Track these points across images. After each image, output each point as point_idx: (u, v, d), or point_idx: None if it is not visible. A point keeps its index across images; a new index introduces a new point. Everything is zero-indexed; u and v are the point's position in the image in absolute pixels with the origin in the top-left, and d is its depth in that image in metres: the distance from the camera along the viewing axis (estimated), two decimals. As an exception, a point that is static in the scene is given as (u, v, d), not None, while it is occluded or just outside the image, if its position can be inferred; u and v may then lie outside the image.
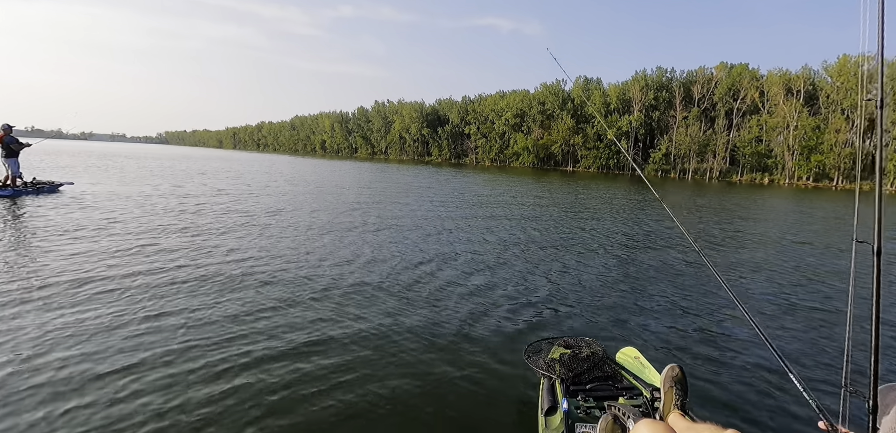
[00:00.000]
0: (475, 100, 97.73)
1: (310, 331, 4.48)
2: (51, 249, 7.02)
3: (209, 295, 5.35)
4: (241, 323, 4.58)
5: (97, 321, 4.42)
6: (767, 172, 62.34)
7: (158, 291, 5.36)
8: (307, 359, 3.91)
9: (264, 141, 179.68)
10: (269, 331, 4.42)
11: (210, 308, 4.93)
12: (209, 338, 4.17)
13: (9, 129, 13.10)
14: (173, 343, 4.03)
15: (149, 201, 13.25)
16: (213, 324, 4.49)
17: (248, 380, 3.48)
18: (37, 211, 10.46)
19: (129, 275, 5.94)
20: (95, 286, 5.43)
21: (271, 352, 3.96)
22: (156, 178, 22.01)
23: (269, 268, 6.65)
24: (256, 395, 3.29)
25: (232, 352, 3.93)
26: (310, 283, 6.01)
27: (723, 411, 3.32)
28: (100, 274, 5.91)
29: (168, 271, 6.19)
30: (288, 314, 4.89)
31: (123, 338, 4.09)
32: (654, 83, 72.58)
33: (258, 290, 5.62)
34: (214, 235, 8.73)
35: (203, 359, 3.78)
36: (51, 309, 4.66)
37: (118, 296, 5.11)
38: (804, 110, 58.91)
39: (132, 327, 4.33)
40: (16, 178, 12.99)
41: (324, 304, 5.25)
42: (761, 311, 5.67)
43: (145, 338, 4.10)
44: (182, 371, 3.57)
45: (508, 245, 9.33)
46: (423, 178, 33.38)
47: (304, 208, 13.48)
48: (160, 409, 3.07)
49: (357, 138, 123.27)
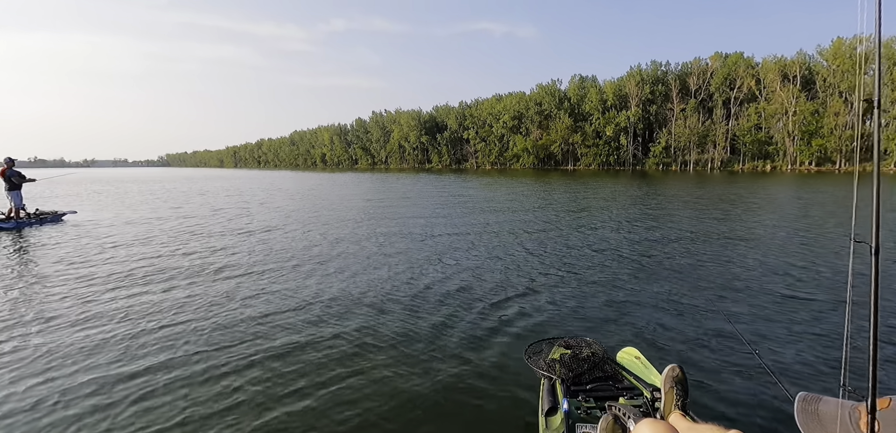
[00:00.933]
0: (472, 104, 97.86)
1: (313, 334, 4.48)
2: (54, 279, 7.05)
3: (214, 313, 5.35)
4: (247, 337, 4.57)
5: (100, 346, 4.43)
6: (769, 159, 62.22)
7: (162, 314, 5.37)
8: (308, 359, 3.94)
9: (265, 158, 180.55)
10: (269, 336, 4.42)
11: (216, 326, 4.93)
12: (215, 354, 4.17)
13: (11, 162, 13.21)
14: (179, 360, 4.04)
15: (150, 225, 13.30)
16: (219, 339, 4.49)
17: (256, 390, 3.50)
18: (40, 242, 10.52)
19: (133, 297, 5.96)
20: (98, 310, 5.44)
21: (273, 357, 3.97)
22: (158, 201, 22.10)
23: (269, 282, 6.66)
24: (262, 406, 3.30)
25: (237, 365, 3.94)
26: (313, 293, 6.00)
27: (723, 411, 3.30)
28: (102, 300, 5.93)
29: (171, 293, 6.20)
30: (285, 321, 4.88)
31: (129, 359, 4.10)
32: (649, 77, 72.62)
33: (265, 304, 5.62)
34: (212, 254, 8.75)
35: (210, 375, 3.79)
36: (53, 331, 4.68)
37: (121, 321, 5.12)
38: (802, 95, 58.82)
39: (137, 348, 4.34)
40: (19, 210, 13.09)
41: (329, 312, 5.23)
42: (761, 310, 5.56)
43: (151, 359, 4.11)
44: (187, 387, 3.59)
45: (507, 247, 9.32)
46: (423, 185, 33.40)
47: (304, 223, 13.52)
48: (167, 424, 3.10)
49: (357, 149, 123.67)
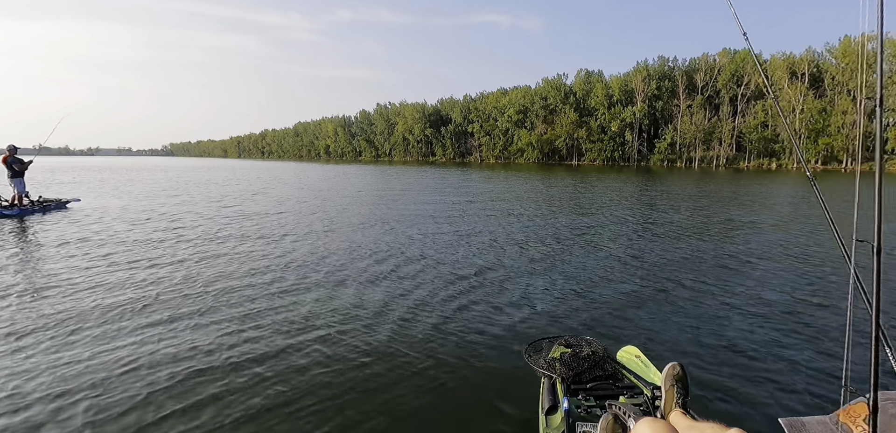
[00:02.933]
0: (477, 98, 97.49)
1: (316, 333, 4.48)
2: (58, 264, 7.07)
3: (218, 301, 5.36)
4: (253, 327, 4.58)
5: (102, 332, 4.45)
6: (775, 157, 61.83)
7: (164, 299, 5.38)
8: (310, 360, 3.92)
9: (268, 148, 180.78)
10: (274, 327, 4.43)
11: (220, 313, 4.94)
12: (221, 342, 4.19)
13: (14, 150, 13.27)
14: (184, 348, 4.05)
15: (154, 214, 13.35)
16: (223, 329, 4.50)
17: (263, 385, 3.50)
18: (44, 228, 10.57)
19: (135, 285, 5.98)
20: (102, 297, 5.46)
21: (274, 352, 3.98)
22: (162, 189, 22.20)
23: (275, 272, 6.67)
24: (267, 397, 3.31)
25: (245, 356, 3.95)
26: (316, 288, 6.02)
27: (724, 410, 3.28)
28: (105, 285, 5.95)
29: (173, 280, 6.21)
30: (288, 316, 4.89)
31: (133, 346, 4.11)
32: (656, 73, 72.12)
33: (267, 296, 5.62)
34: (214, 243, 8.77)
35: (217, 369, 3.79)
36: (54, 316, 4.70)
37: (125, 306, 5.14)
38: (809, 93, 58.34)
39: (142, 334, 4.35)
40: (22, 197, 13.17)
41: (327, 311, 5.25)
42: (763, 309, 5.54)
43: (155, 346, 4.12)
44: (193, 374, 3.59)
45: (509, 244, 9.29)
46: (427, 178, 33.37)
47: (307, 214, 13.54)
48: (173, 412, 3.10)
49: (360, 141, 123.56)
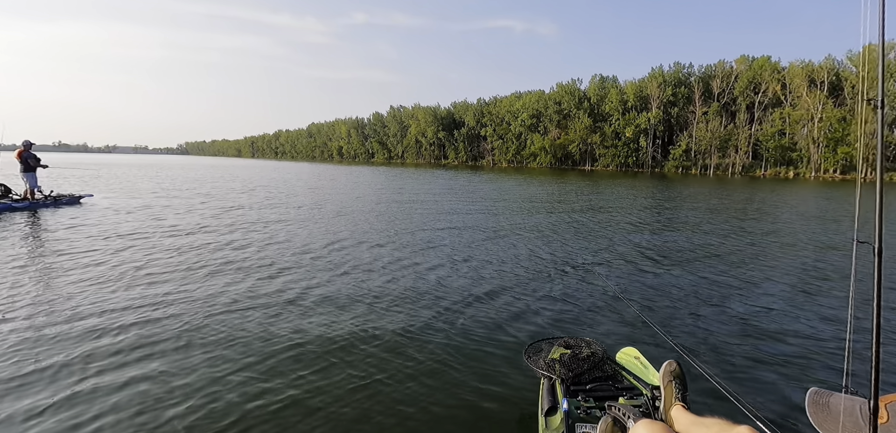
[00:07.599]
0: (490, 102, 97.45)
1: (319, 332, 4.48)
2: (67, 258, 7.21)
3: (231, 300, 5.41)
4: (260, 325, 4.61)
5: (113, 324, 4.49)
6: (792, 166, 60.79)
7: (175, 295, 5.45)
8: (305, 353, 3.94)
9: (282, 149, 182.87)
10: (277, 326, 4.44)
11: (232, 312, 4.97)
12: (231, 340, 4.21)
13: (29, 145, 13.58)
14: (198, 347, 4.09)
15: (166, 210, 13.54)
16: (235, 327, 4.53)
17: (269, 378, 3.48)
18: (57, 223, 10.77)
19: (148, 280, 6.06)
20: (110, 291, 5.54)
21: (276, 350, 3.98)
22: (175, 186, 22.55)
23: (281, 268, 6.70)
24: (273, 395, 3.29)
25: (252, 357, 3.96)
26: (312, 292, 6.03)
27: (727, 408, 3.19)
28: (113, 280, 6.04)
29: (186, 276, 6.29)
30: (291, 315, 4.91)
31: (144, 342, 4.15)
32: (672, 79, 71.42)
33: (275, 292, 5.66)
34: (224, 240, 8.86)
35: (227, 364, 3.82)
36: (62, 310, 4.77)
37: (136, 301, 5.19)
38: (828, 102, 57.29)
39: (150, 330, 4.39)
40: (34, 190, 13.46)
41: (325, 309, 5.26)
42: (765, 309, 5.48)
43: (167, 344, 4.16)
44: (205, 372, 3.61)
45: (513, 246, 9.24)
46: (440, 181, 33.42)
47: (317, 213, 13.61)
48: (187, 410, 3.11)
49: (373, 143, 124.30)
